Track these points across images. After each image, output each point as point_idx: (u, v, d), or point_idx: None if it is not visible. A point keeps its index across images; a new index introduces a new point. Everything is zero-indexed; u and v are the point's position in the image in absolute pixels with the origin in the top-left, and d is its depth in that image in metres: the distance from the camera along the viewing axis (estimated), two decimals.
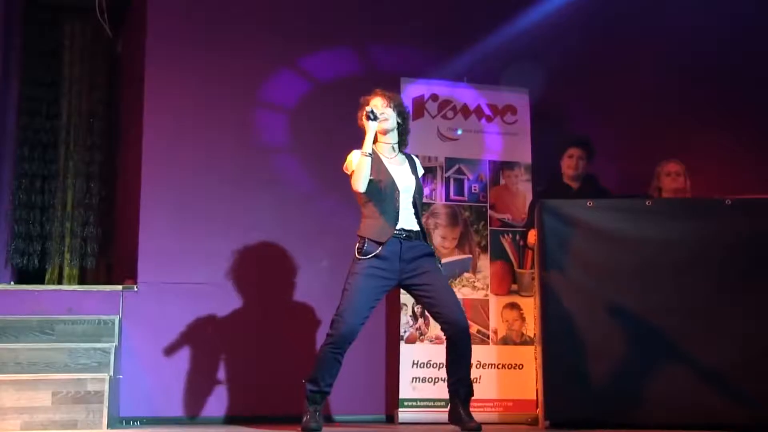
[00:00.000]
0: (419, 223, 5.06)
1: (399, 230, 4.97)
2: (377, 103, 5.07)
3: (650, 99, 6.89)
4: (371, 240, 4.95)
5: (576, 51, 6.87)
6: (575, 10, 6.84)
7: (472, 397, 5.07)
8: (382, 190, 5.00)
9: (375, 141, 5.06)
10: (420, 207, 5.10)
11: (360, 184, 4.93)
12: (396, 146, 5.16)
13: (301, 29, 6.67)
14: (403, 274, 4.98)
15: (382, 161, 5.06)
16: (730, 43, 7.01)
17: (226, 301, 6.19)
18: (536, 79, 6.65)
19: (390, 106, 5.10)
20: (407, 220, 5.02)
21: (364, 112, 5.00)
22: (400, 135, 5.17)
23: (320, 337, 6.30)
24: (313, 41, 6.68)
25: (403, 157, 5.19)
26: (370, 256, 4.92)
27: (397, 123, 5.13)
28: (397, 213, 4.98)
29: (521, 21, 6.81)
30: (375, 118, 4.99)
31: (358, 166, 4.95)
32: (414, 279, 4.99)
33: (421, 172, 5.23)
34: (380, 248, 4.91)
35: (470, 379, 5.08)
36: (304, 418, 4.97)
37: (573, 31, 6.88)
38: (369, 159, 4.94)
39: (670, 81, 6.95)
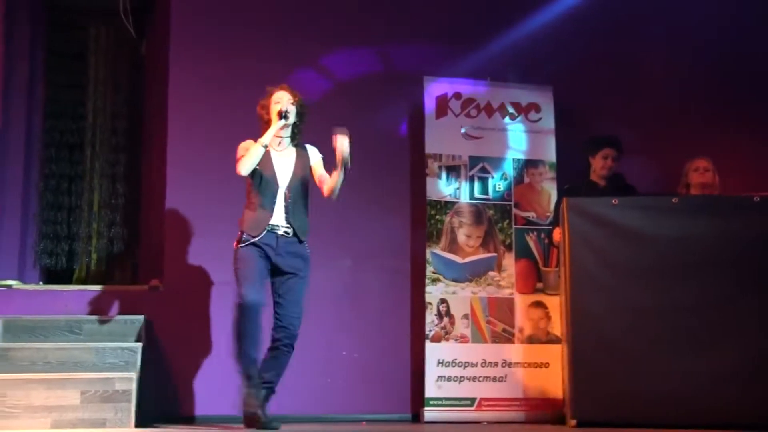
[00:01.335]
0: (298, 219, 5.24)
1: (275, 225, 5.17)
2: (283, 98, 5.28)
3: (677, 96, 6.85)
4: (246, 233, 5.16)
5: (601, 48, 6.85)
6: (600, 7, 6.82)
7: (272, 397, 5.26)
8: (263, 182, 5.19)
9: None
10: (302, 201, 5.29)
11: (245, 168, 5.15)
12: (286, 140, 5.35)
13: (323, 29, 6.69)
14: (276, 267, 5.19)
15: (269, 154, 5.24)
16: (760, 41, 6.95)
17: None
18: (560, 76, 6.64)
19: (294, 104, 5.31)
20: (276, 216, 5.19)
21: (279, 111, 5.22)
22: (293, 130, 5.36)
23: (342, 338, 6.34)
24: (335, 41, 6.69)
25: (293, 149, 5.35)
26: (246, 244, 5.14)
27: (294, 122, 5.34)
28: (273, 207, 5.18)
29: (545, 18, 6.79)
30: (285, 118, 5.22)
31: (250, 151, 5.16)
32: (282, 276, 5.21)
33: (315, 159, 5.37)
34: (254, 239, 5.13)
35: (276, 385, 5.27)
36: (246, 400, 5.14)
37: (597, 27, 6.86)
38: (262, 150, 5.16)
39: (697, 78, 6.90)
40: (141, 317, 5.98)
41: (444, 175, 6.44)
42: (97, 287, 6.26)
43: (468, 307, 6.26)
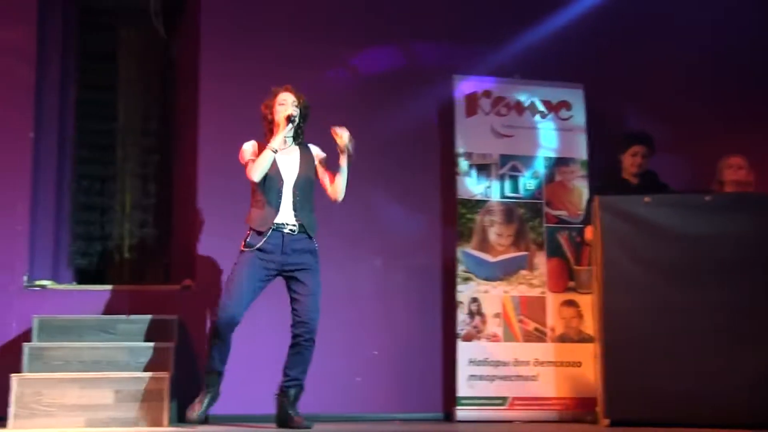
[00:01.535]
0: (306, 216, 5.27)
1: (281, 223, 5.22)
2: (287, 99, 5.35)
3: (711, 93, 6.80)
4: (253, 230, 5.23)
5: (632, 44, 6.81)
6: (631, 3, 6.80)
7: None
8: (267, 181, 5.24)
9: (273, 134, 5.33)
10: (309, 198, 5.32)
11: (256, 174, 5.22)
12: (290, 139, 5.40)
13: (353, 28, 6.70)
14: (284, 266, 5.25)
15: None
16: None
17: (279, 300, 6.20)
18: (591, 73, 6.62)
19: (298, 105, 5.37)
20: (283, 213, 5.24)
21: (288, 115, 5.28)
22: (296, 130, 5.41)
23: (370, 337, 6.36)
24: (365, 40, 6.70)
25: (296, 147, 5.40)
26: (253, 248, 5.19)
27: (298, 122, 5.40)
28: (279, 205, 5.24)
29: (575, 15, 6.76)
30: (293, 122, 5.30)
31: (261, 157, 5.23)
32: (292, 273, 5.26)
33: (319, 157, 5.43)
34: (262, 240, 5.19)
35: (303, 381, 5.34)
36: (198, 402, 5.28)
37: (629, 24, 6.83)
38: (273, 155, 5.23)
39: (731, 74, 6.84)
40: (173, 317, 6.01)
41: (474, 173, 6.42)
42: (130, 287, 6.30)
43: (500, 306, 6.25)
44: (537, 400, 6.13)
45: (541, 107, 6.58)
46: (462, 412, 6.09)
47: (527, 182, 6.47)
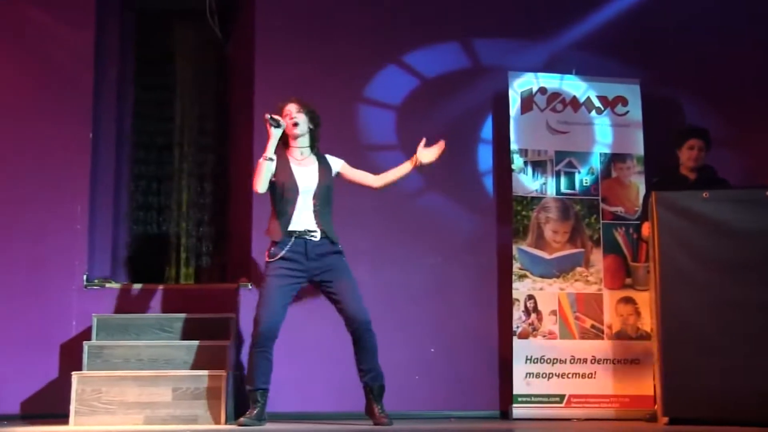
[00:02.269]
0: (326, 223, 5.28)
1: (302, 230, 5.23)
2: (291, 110, 5.34)
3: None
4: (273, 241, 5.26)
5: (689, 39, 6.73)
6: None
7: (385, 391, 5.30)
8: (283, 191, 5.28)
9: (288, 146, 5.38)
10: (328, 206, 5.33)
11: (259, 186, 5.29)
12: (306, 150, 5.39)
13: (407, 26, 6.70)
14: (312, 272, 5.27)
15: (289, 163, 5.34)
16: None
17: None
18: (648, 68, 6.55)
19: (302, 112, 5.36)
20: (305, 221, 5.26)
21: (266, 119, 5.29)
22: (311, 139, 5.38)
23: (427, 335, 6.36)
24: (420, 37, 6.70)
25: (315, 158, 5.42)
26: (275, 258, 5.23)
27: (309, 128, 5.39)
28: (292, 214, 5.25)
29: (631, 8, 6.71)
30: (278, 126, 5.28)
31: (258, 169, 5.30)
32: (321, 276, 5.28)
33: (336, 168, 5.44)
34: (283, 250, 5.21)
35: (379, 370, 5.27)
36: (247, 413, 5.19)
37: (685, 18, 6.75)
38: (269, 163, 5.27)
39: None
40: (230, 315, 6.06)
41: (530, 170, 6.39)
42: (187, 286, 6.35)
43: (556, 303, 6.22)
44: (595, 397, 6.10)
45: (597, 103, 6.52)
46: (518, 410, 6.07)
47: (583, 178, 6.42)
